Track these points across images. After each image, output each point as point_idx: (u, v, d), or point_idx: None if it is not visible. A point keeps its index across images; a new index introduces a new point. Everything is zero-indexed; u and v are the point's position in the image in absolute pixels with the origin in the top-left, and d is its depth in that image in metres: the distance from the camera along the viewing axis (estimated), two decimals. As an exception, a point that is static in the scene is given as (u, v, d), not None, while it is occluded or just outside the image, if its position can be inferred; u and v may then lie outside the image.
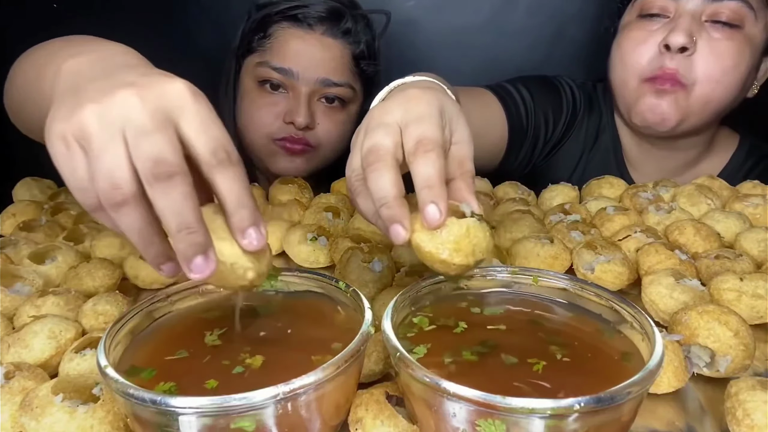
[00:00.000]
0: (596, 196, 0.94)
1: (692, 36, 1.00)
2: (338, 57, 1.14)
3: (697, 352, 0.55)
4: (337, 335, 0.48)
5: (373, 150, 0.49)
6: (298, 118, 1.11)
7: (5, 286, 0.66)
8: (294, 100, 1.12)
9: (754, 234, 0.75)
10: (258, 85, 1.14)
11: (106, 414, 0.46)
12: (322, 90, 1.13)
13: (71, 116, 0.42)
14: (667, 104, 1.03)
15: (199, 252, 0.42)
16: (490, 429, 0.38)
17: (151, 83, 0.43)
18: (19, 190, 0.98)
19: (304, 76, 1.11)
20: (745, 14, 1.01)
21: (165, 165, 0.40)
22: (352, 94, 1.17)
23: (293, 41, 1.12)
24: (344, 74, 1.15)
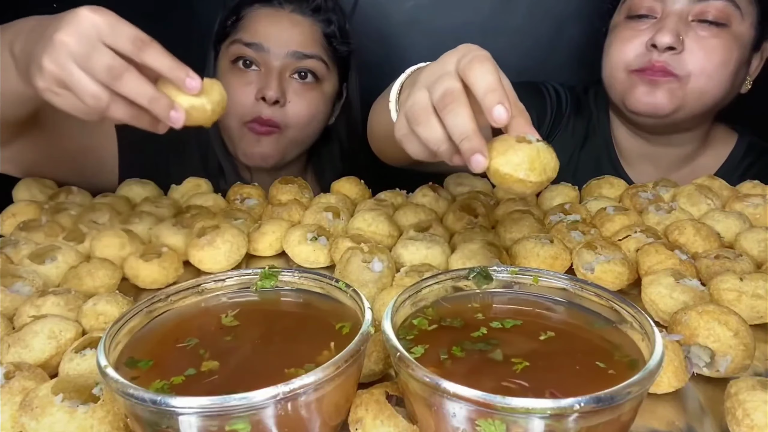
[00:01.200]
0: (596, 196, 0.94)
1: (679, 35, 1.01)
2: (308, 32, 1.17)
3: (697, 352, 0.55)
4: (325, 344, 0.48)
5: (448, 92, 0.57)
6: (268, 91, 1.12)
7: (5, 286, 0.66)
8: (266, 75, 1.14)
9: (754, 234, 0.75)
10: (232, 64, 1.16)
11: (106, 414, 0.46)
12: (293, 64, 1.15)
13: (41, 77, 0.61)
14: (662, 92, 1.04)
15: (169, 108, 0.60)
16: (489, 429, 0.38)
17: (66, 23, 0.60)
18: (19, 190, 0.98)
19: (275, 50, 1.14)
20: (731, 13, 1.02)
21: (114, 69, 0.59)
22: (324, 69, 1.18)
23: (263, 19, 1.16)
24: (315, 47, 1.17)
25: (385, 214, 0.83)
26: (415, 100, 0.60)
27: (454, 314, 0.52)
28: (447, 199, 0.93)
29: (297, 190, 0.96)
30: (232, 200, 0.96)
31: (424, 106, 0.59)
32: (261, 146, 1.17)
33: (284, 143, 1.19)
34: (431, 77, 0.60)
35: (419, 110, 0.59)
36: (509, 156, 0.52)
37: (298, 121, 1.18)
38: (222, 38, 1.20)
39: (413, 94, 0.60)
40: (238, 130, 1.18)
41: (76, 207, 0.91)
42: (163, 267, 0.73)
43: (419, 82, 0.61)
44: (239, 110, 1.15)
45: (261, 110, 1.14)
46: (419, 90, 0.60)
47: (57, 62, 0.60)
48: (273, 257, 0.82)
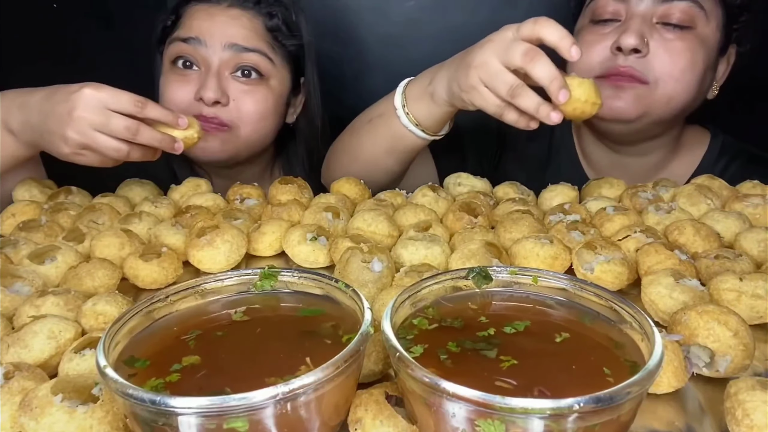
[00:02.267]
0: (596, 196, 0.94)
1: (644, 37, 1.00)
2: (248, 26, 1.13)
3: (696, 352, 0.55)
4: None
5: (528, 51, 0.80)
6: (206, 92, 1.08)
7: (5, 286, 0.66)
8: (204, 75, 1.10)
9: (753, 234, 0.75)
10: (171, 65, 1.14)
11: (106, 414, 0.46)
12: (233, 59, 1.11)
13: (62, 147, 0.85)
14: (627, 97, 1.02)
15: (173, 143, 0.88)
16: (489, 429, 0.38)
17: (78, 102, 0.82)
18: (19, 190, 0.98)
19: (212, 44, 1.10)
20: (695, 14, 1.01)
21: (131, 128, 0.83)
22: (269, 65, 1.14)
23: (200, 14, 1.13)
24: (256, 42, 1.13)
25: (385, 214, 0.83)
26: (501, 77, 0.81)
27: (453, 314, 0.52)
28: (447, 199, 0.93)
29: (297, 190, 0.96)
30: (232, 200, 0.96)
31: (510, 80, 0.81)
32: (207, 143, 1.10)
33: (235, 142, 1.14)
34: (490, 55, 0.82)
35: (510, 81, 0.80)
36: (582, 88, 0.79)
37: (249, 120, 1.13)
38: (163, 39, 1.17)
39: (502, 75, 0.81)
40: None
41: (75, 207, 0.91)
42: (163, 267, 0.73)
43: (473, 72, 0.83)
44: (177, 109, 1.08)
45: (201, 109, 1.10)
46: (502, 73, 0.81)
47: (81, 132, 0.82)
48: (273, 257, 0.82)
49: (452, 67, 0.91)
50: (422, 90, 0.95)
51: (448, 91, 0.91)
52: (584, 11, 1.12)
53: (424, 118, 0.97)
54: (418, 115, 0.97)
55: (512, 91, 0.81)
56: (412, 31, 1.54)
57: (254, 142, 1.18)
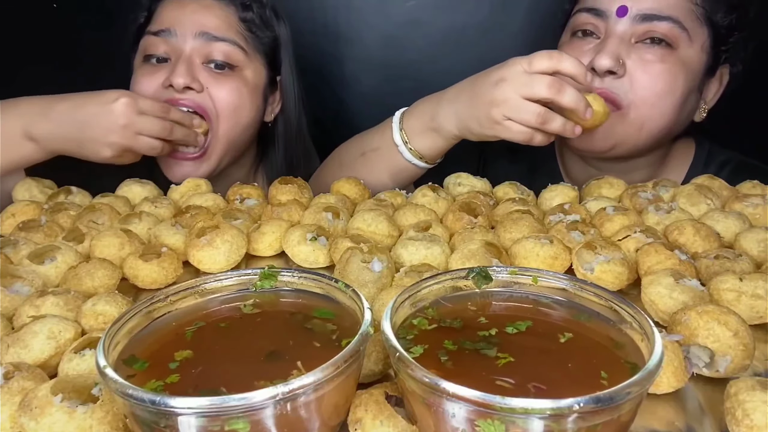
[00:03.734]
0: (596, 196, 0.94)
1: (619, 59, 0.98)
2: (220, 15, 1.11)
3: (696, 352, 0.55)
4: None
5: (553, 83, 0.87)
6: (176, 78, 1.04)
7: (5, 286, 0.66)
8: (174, 64, 1.07)
9: (753, 234, 0.75)
10: (143, 62, 1.12)
11: (105, 414, 0.46)
12: (204, 48, 1.08)
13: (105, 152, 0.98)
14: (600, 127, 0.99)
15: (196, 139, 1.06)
16: (489, 429, 0.38)
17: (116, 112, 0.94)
18: (18, 190, 0.98)
19: (182, 33, 1.07)
20: (677, 35, 0.99)
21: (166, 128, 0.98)
22: (242, 55, 1.11)
23: (171, 6, 1.12)
24: (228, 32, 1.11)
25: (385, 214, 0.83)
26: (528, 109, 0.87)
27: (453, 314, 0.52)
28: (446, 199, 0.93)
29: (297, 190, 0.96)
30: (232, 200, 0.96)
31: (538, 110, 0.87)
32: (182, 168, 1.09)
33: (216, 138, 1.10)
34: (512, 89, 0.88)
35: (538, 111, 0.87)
36: (597, 102, 0.91)
37: (225, 111, 1.09)
38: (136, 39, 1.15)
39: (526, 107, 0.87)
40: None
41: (75, 207, 0.91)
42: (163, 267, 0.73)
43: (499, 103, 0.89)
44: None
45: (171, 94, 1.06)
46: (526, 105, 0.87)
47: (127, 137, 0.96)
48: (272, 257, 0.82)
49: (461, 102, 0.92)
50: (424, 125, 0.98)
51: (461, 126, 0.95)
52: (567, 25, 1.11)
53: (428, 152, 1.01)
54: (422, 149, 1.01)
55: (542, 119, 0.88)
56: (412, 31, 1.55)
57: (235, 139, 1.14)
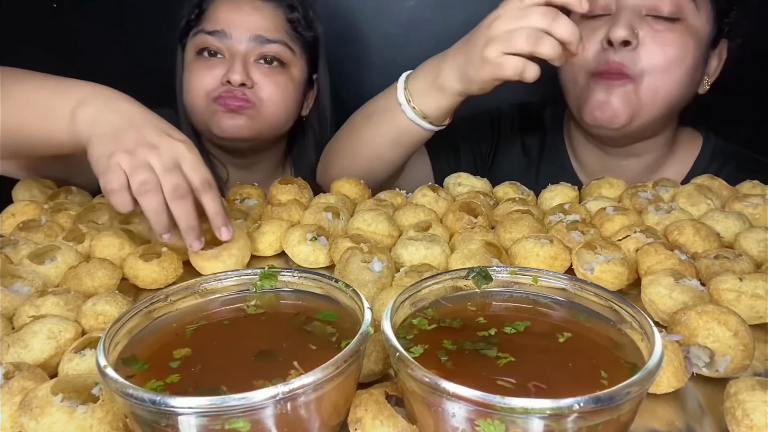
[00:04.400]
0: (596, 196, 0.94)
1: (634, 29, 1.00)
2: (271, 17, 1.18)
3: (696, 352, 0.55)
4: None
5: (547, 12, 0.83)
6: (233, 75, 1.13)
7: (5, 286, 0.66)
8: (230, 60, 1.15)
9: (753, 234, 0.75)
10: (197, 55, 1.18)
11: (106, 414, 0.46)
12: (257, 49, 1.16)
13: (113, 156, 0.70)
14: (617, 100, 1.02)
15: (196, 238, 0.73)
16: (489, 429, 0.38)
17: (164, 143, 0.72)
18: (19, 190, 0.98)
19: (237, 36, 1.15)
20: (685, 5, 1.01)
21: (180, 190, 0.71)
22: (290, 54, 1.20)
23: (225, 7, 1.18)
24: (278, 33, 1.18)
25: (385, 214, 0.83)
26: (518, 34, 0.83)
27: (453, 314, 0.52)
28: (446, 199, 0.93)
29: (297, 190, 0.96)
30: (232, 200, 0.96)
31: (528, 32, 0.82)
32: (235, 119, 1.16)
33: (260, 121, 1.19)
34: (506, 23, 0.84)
35: (531, 33, 0.82)
36: None
37: (271, 101, 1.18)
38: (187, 32, 1.21)
39: (510, 36, 0.83)
40: (208, 108, 1.17)
41: (75, 207, 0.91)
42: (163, 267, 0.73)
43: (497, 31, 0.85)
44: (203, 92, 1.17)
45: (227, 87, 1.15)
46: (512, 31, 0.83)
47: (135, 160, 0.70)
48: (273, 257, 0.82)
49: (460, 53, 0.92)
50: (428, 84, 0.97)
51: (462, 79, 0.92)
52: None
53: (432, 111, 0.97)
54: (426, 109, 0.97)
55: (533, 39, 0.83)
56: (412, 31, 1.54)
57: (275, 124, 1.23)
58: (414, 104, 0.98)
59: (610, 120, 1.04)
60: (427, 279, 0.54)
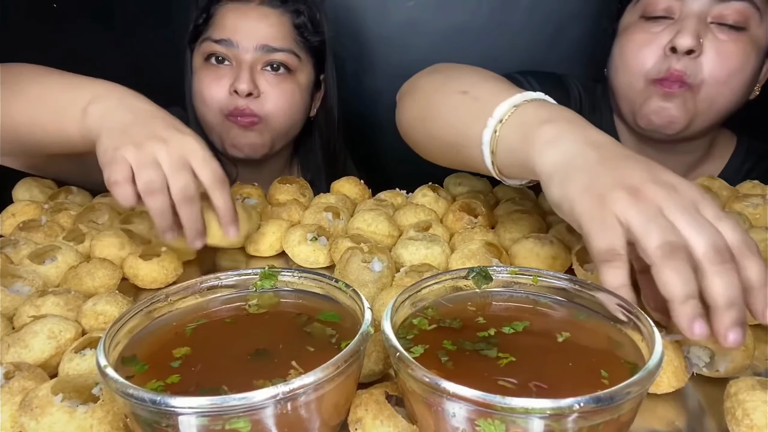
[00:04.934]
0: (596, 196, 0.94)
1: (699, 38, 0.98)
2: (277, 24, 1.18)
3: (696, 352, 0.55)
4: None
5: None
6: (240, 84, 1.13)
7: (5, 286, 0.66)
8: (237, 69, 1.16)
9: (754, 234, 0.75)
10: (204, 61, 1.19)
11: (106, 414, 0.46)
12: (264, 57, 1.16)
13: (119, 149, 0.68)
14: (675, 107, 1.01)
15: (197, 237, 0.71)
16: (489, 429, 0.38)
17: (173, 138, 0.70)
18: (19, 190, 0.98)
19: (244, 45, 1.15)
20: (750, 15, 0.99)
21: (188, 191, 0.68)
22: (296, 61, 1.20)
23: (231, 14, 1.17)
24: (285, 41, 1.18)
25: (385, 214, 0.83)
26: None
27: (453, 314, 0.52)
28: (447, 199, 0.93)
29: (297, 190, 0.96)
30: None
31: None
32: (248, 137, 1.19)
33: (269, 134, 1.21)
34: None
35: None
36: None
37: (276, 112, 1.19)
38: (195, 37, 1.22)
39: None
40: (221, 124, 1.19)
41: (76, 207, 0.91)
42: (163, 267, 0.73)
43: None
44: (215, 104, 1.18)
45: (236, 102, 1.16)
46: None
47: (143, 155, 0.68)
48: (273, 257, 0.82)
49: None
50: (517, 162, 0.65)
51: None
52: (632, 7, 1.08)
53: (507, 171, 0.67)
54: (503, 168, 0.67)
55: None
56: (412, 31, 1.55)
57: (284, 135, 1.24)
58: (495, 162, 0.66)
59: (667, 126, 1.03)
60: (427, 279, 0.54)
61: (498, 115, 0.64)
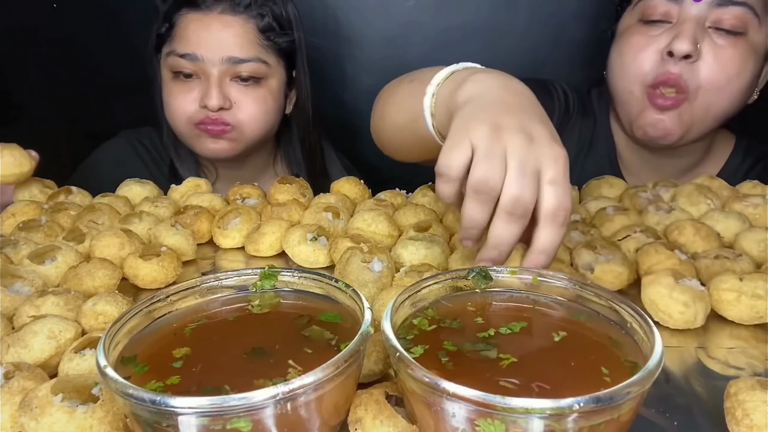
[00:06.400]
0: (596, 196, 0.94)
1: (696, 43, 0.98)
2: (241, 33, 1.15)
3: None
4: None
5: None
6: (210, 101, 1.12)
7: (5, 286, 0.66)
8: (205, 83, 1.14)
9: (753, 234, 0.75)
10: (173, 76, 1.17)
11: (106, 414, 0.46)
12: (231, 69, 1.15)
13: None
14: (670, 119, 1.01)
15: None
16: (489, 429, 0.38)
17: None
18: (19, 190, 0.98)
19: (210, 58, 1.13)
20: (749, 20, 0.99)
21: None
22: (265, 68, 1.18)
23: (193, 25, 1.14)
24: (251, 49, 1.15)
25: (385, 214, 0.83)
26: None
27: (453, 314, 0.52)
28: (447, 199, 0.93)
29: (297, 190, 0.96)
30: (233, 200, 0.96)
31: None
32: (219, 143, 1.18)
33: (243, 142, 1.20)
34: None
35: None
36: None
37: (249, 121, 1.18)
38: (159, 46, 1.20)
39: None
40: (191, 132, 1.19)
41: (76, 207, 0.91)
42: (163, 266, 0.73)
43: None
44: (184, 117, 1.17)
45: (206, 114, 1.15)
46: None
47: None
48: (273, 257, 0.82)
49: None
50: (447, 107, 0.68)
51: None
52: (631, 9, 1.09)
53: (445, 130, 0.67)
54: (442, 128, 0.71)
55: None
56: (412, 31, 1.55)
57: (259, 138, 1.23)
58: (435, 123, 0.71)
59: (662, 137, 1.03)
60: (427, 279, 0.54)
61: (435, 82, 0.70)
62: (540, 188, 0.55)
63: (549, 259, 0.56)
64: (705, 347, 0.60)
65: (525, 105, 0.61)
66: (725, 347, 0.60)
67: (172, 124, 1.21)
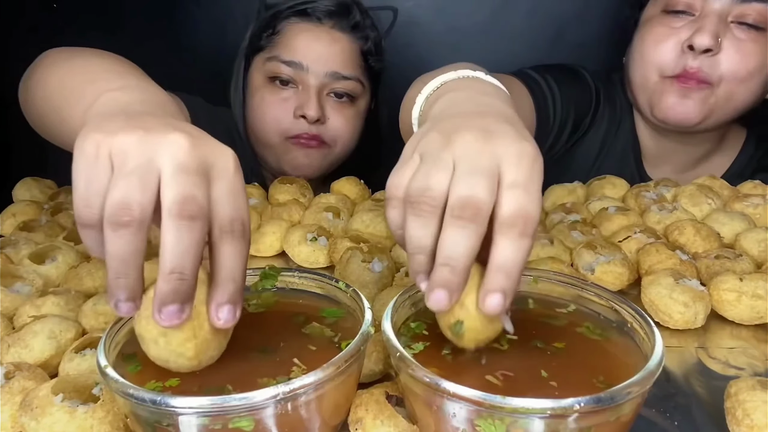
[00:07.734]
0: (599, 197, 0.94)
1: (717, 37, 0.98)
2: (347, 50, 1.14)
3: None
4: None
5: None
6: (309, 111, 1.10)
7: (5, 286, 0.66)
8: (304, 93, 1.12)
9: (754, 234, 0.75)
10: (268, 81, 1.14)
11: (106, 414, 0.46)
12: (331, 84, 1.13)
13: (117, 133, 0.42)
14: (692, 102, 1.01)
15: (177, 301, 0.41)
16: (489, 429, 0.38)
17: (206, 140, 0.45)
18: (19, 190, 0.98)
19: (314, 69, 1.11)
20: None
21: (194, 206, 0.41)
22: (360, 89, 1.17)
23: (302, 35, 1.12)
24: (353, 68, 1.15)
25: (383, 215, 0.83)
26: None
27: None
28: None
29: (297, 190, 0.96)
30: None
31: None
32: (309, 158, 1.15)
33: (331, 158, 1.19)
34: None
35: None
36: None
37: (342, 137, 1.17)
38: (256, 50, 1.16)
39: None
40: (282, 145, 1.15)
41: (76, 207, 0.91)
42: (163, 267, 0.73)
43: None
44: (278, 126, 1.13)
45: (302, 127, 1.12)
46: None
47: (149, 147, 0.42)
48: (273, 257, 0.82)
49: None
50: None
51: None
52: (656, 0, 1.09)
53: None
54: None
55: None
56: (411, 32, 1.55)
57: (344, 157, 1.22)
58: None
59: (683, 120, 1.03)
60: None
61: (426, 92, 0.63)
62: (498, 191, 0.43)
63: (510, 279, 0.42)
64: (705, 347, 0.60)
65: (490, 111, 0.52)
66: (725, 347, 0.60)
67: (260, 132, 1.16)
